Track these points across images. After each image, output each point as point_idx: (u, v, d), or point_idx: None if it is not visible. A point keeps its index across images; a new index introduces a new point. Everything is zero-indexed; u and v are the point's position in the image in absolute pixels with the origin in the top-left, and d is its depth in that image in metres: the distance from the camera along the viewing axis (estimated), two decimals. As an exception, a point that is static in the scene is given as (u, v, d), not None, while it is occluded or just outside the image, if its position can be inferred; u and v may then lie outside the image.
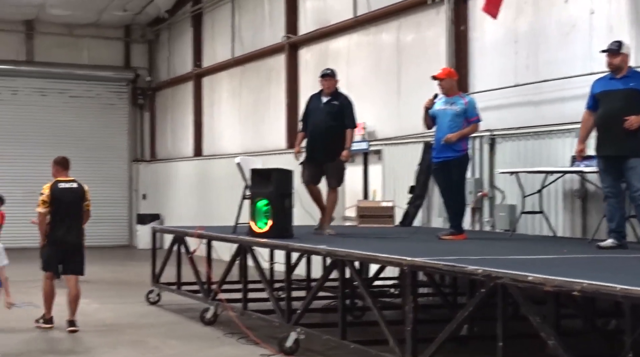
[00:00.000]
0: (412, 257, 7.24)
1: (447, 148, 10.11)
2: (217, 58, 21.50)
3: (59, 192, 10.79)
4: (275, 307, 9.68)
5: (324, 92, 10.98)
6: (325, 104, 10.87)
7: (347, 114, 10.87)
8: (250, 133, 19.83)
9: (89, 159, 24.80)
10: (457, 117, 10.10)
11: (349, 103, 10.95)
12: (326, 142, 10.79)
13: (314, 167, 10.91)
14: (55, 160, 11.19)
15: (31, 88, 24.53)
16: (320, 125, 10.80)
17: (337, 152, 10.85)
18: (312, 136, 10.95)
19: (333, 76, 10.98)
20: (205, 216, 20.50)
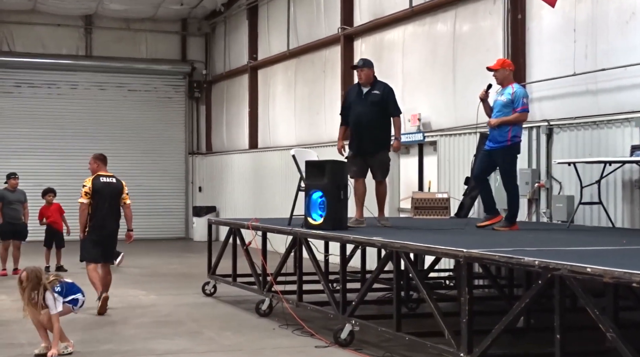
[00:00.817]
0: (468, 248, 7.17)
1: (494, 138, 10.10)
2: (273, 50, 21.56)
3: (100, 186, 11.50)
4: (330, 298, 9.67)
5: (362, 83, 10.87)
6: (367, 94, 10.74)
7: (390, 102, 10.73)
8: (305, 125, 19.85)
9: (146, 152, 25.15)
10: (505, 108, 10.01)
11: (390, 91, 10.81)
12: (373, 133, 10.67)
13: (361, 161, 10.79)
14: (96, 157, 11.89)
15: (90, 82, 24.88)
16: (365, 117, 10.67)
17: (384, 142, 10.76)
18: (357, 128, 10.80)
19: (365, 66, 10.83)
20: (260, 208, 20.61)
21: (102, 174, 11.69)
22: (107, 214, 11.49)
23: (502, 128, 10.01)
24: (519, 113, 10.01)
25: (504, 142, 10.03)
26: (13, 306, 11.64)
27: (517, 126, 10.11)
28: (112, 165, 24.56)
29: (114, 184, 11.69)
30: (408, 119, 15.42)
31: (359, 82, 10.91)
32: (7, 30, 24.07)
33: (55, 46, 24.55)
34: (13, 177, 15.93)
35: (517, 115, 10.01)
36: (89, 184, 11.45)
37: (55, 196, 16.75)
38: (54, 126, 24.26)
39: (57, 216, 16.43)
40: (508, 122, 10.00)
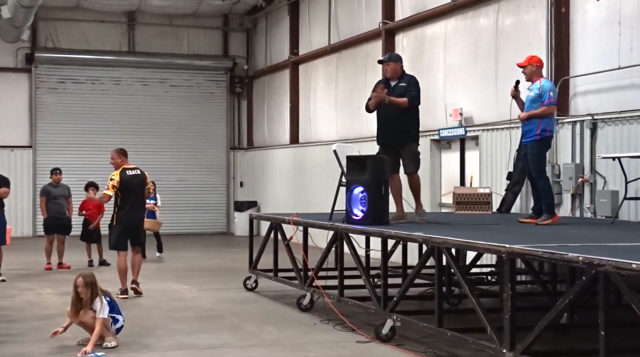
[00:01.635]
0: (510, 244, 7.11)
1: (525, 133, 10.21)
2: (314, 45, 21.56)
3: (127, 178, 12.25)
4: (372, 294, 9.65)
5: (390, 77, 10.80)
6: (394, 88, 10.68)
7: (410, 90, 10.56)
8: (346, 120, 19.83)
9: (188, 147, 25.32)
10: (533, 102, 10.10)
11: (414, 82, 10.66)
12: (400, 127, 10.57)
13: (391, 155, 10.70)
14: (119, 151, 12.59)
15: (133, 78, 25.10)
16: (392, 110, 10.58)
17: (412, 135, 10.68)
18: (384, 122, 10.72)
19: (391, 60, 10.78)
20: (301, 203, 20.64)
21: (127, 167, 12.40)
22: (133, 204, 12.29)
23: (532, 122, 10.09)
24: (546, 106, 10.06)
25: (533, 136, 10.13)
26: (58, 300, 11.80)
27: (546, 119, 10.11)
28: (154, 160, 24.97)
29: (139, 176, 12.47)
30: (450, 113, 15.35)
31: (386, 76, 10.85)
32: (51, 26, 24.36)
33: (98, 42, 24.81)
34: (56, 173, 16.13)
35: (544, 108, 10.04)
36: (117, 178, 12.17)
37: (98, 190, 16.87)
38: (98, 121, 24.51)
39: (95, 211, 16.54)
40: (536, 115, 10.05)
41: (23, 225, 23.46)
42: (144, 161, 24.15)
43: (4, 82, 23.87)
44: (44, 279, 14.36)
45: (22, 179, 23.41)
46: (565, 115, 12.60)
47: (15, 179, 20.38)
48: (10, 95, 23.94)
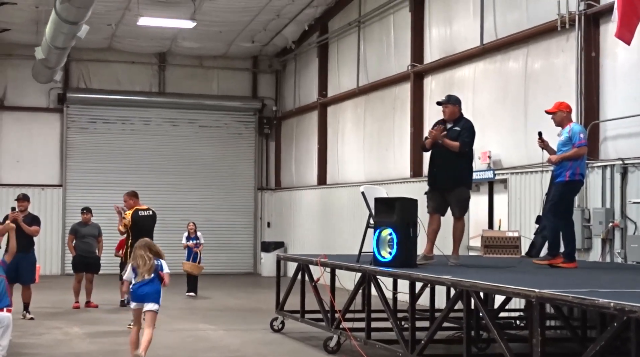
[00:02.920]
0: (540, 288, 7.05)
1: (556, 175, 10.28)
2: (342, 87, 21.68)
3: (139, 218, 13.05)
4: (399, 337, 9.59)
5: (447, 120, 10.85)
6: (449, 130, 10.73)
7: (463, 135, 10.63)
8: (374, 162, 19.85)
9: (216, 187, 25.44)
10: (564, 146, 10.19)
11: (468, 127, 10.75)
12: (451, 170, 10.62)
13: (439, 196, 10.75)
14: (130, 194, 13.48)
15: (163, 118, 25.32)
16: (443, 153, 10.66)
17: (462, 179, 10.71)
18: (435, 163, 10.80)
19: (450, 102, 10.84)
20: (329, 244, 20.61)
21: (140, 208, 13.23)
22: None
23: (563, 165, 10.17)
24: (577, 148, 10.11)
25: (562, 178, 10.15)
26: (86, 339, 11.82)
27: (577, 162, 10.14)
28: (182, 200, 25.10)
29: (150, 216, 13.30)
30: (478, 156, 15.31)
31: (444, 118, 10.88)
32: (84, 67, 24.70)
33: (129, 83, 25.10)
34: (85, 212, 16.24)
35: (575, 150, 10.10)
36: (129, 217, 12.98)
37: None
38: (127, 161, 24.71)
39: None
40: (567, 157, 10.12)
41: (52, 263, 23.59)
42: (172, 201, 24.44)
43: (36, 122, 24.18)
44: (72, 317, 14.41)
45: (52, 217, 23.59)
46: (596, 160, 12.54)
47: (45, 218, 20.50)
48: (42, 134, 24.23)
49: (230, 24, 22.44)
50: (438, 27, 17.38)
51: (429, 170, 10.96)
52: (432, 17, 17.58)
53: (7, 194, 21.86)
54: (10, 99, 23.97)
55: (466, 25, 16.25)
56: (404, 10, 18.50)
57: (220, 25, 22.47)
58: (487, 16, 15.47)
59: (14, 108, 23.96)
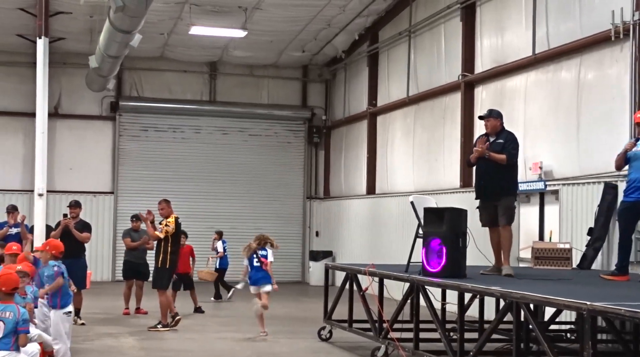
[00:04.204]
0: (591, 301, 6.95)
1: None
2: (392, 97, 21.64)
3: (179, 226, 14.12)
4: (447, 348, 9.52)
5: (489, 133, 10.90)
6: (491, 144, 10.76)
7: (508, 147, 10.69)
8: (424, 171, 19.77)
9: (265, 196, 25.52)
10: None
11: (512, 139, 10.80)
12: (494, 182, 10.67)
13: (488, 208, 10.77)
14: (168, 201, 14.47)
15: (213, 127, 25.48)
16: (488, 166, 10.67)
17: (507, 189, 10.69)
18: (481, 177, 10.87)
19: (491, 116, 10.88)
20: (377, 254, 20.54)
21: (177, 216, 14.15)
22: (179, 250, 14.39)
23: None
24: None
25: None
26: (136, 345, 11.93)
27: None
28: (231, 208, 25.32)
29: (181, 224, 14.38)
30: (529, 167, 15.18)
31: (486, 132, 10.92)
32: (136, 76, 25.00)
33: (180, 91, 25.34)
34: (135, 220, 16.39)
35: None
36: (173, 225, 13.82)
37: (187, 238, 17.04)
38: (178, 169, 24.91)
39: (187, 259, 16.69)
40: None
41: (103, 270, 23.86)
42: (221, 209, 24.62)
43: (89, 130, 24.51)
44: (122, 323, 14.55)
45: (103, 224, 23.87)
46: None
47: (96, 225, 20.82)
48: (95, 142, 24.54)
49: (280, 33, 22.55)
50: (489, 36, 17.27)
51: (475, 183, 11.06)
52: (484, 26, 17.48)
53: (60, 201, 22.19)
54: (64, 107, 24.34)
55: (518, 35, 16.13)
56: (455, 20, 18.43)
57: (271, 35, 22.60)
58: (540, 26, 15.33)
59: (67, 116, 24.32)
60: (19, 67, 23.36)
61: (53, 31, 20.11)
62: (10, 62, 23.55)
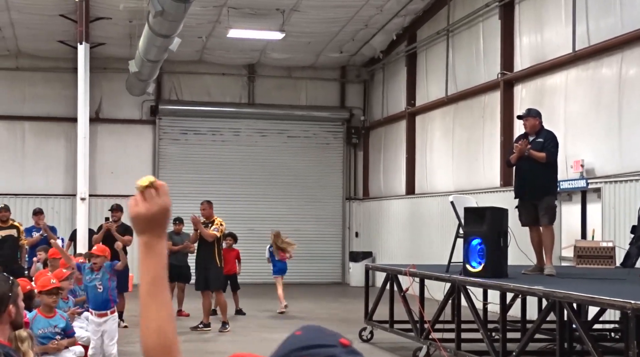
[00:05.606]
0: (636, 300, 6.88)
1: None
2: (430, 96, 21.57)
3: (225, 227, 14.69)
4: (490, 348, 9.47)
5: (528, 132, 10.84)
6: (531, 143, 10.71)
7: (548, 146, 10.65)
8: (464, 171, 19.68)
9: (304, 197, 25.54)
10: None
11: (551, 137, 10.79)
12: (534, 182, 10.61)
13: (529, 207, 10.71)
14: (211, 202, 14.90)
15: (252, 129, 25.58)
16: (528, 165, 10.62)
17: (548, 188, 10.61)
18: (521, 176, 10.84)
19: (530, 116, 10.83)
20: (417, 254, 20.48)
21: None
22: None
23: None
24: None
25: None
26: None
27: None
28: (271, 209, 25.40)
29: None
30: (570, 165, 15.04)
31: (525, 131, 10.87)
32: (175, 80, 25.18)
33: (219, 94, 25.46)
34: (177, 223, 16.50)
35: None
36: (224, 225, 14.42)
37: (236, 242, 17.07)
38: (217, 171, 25.03)
39: (234, 263, 16.71)
40: None
41: (144, 272, 23.99)
42: (260, 210, 24.70)
43: (130, 133, 24.73)
44: (164, 325, 14.63)
45: (144, 227, 24.01)
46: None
47: (138, 227, 20.95)
48: (136, 146, 24.75)
49: (318, 34, 22.59)
50: (528, 34, 17.14)
51: (515, 182, 11.00)
52: (522, 24, 17.35)
53: (102, 205, 22.36)
54: (105, 112, 24.59)
55: (557, 32, 15.99)
56: (493, 18, 18.31)
57: (309, 36, 22.64)
58: (580, 22, 15.18)
59: (108, 120, 24.56)
60: (60, 72, 23.65)
61: (93, 37, 20.35)
62: (52, 68, 23.84)
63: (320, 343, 1.74)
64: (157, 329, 2.04)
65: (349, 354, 1.71)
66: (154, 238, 2.14)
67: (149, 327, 2.05)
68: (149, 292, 2.07)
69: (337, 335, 1.76)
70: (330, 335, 1.76)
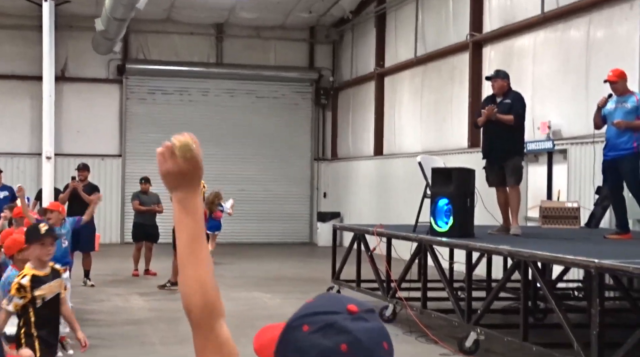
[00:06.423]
0: (599, 259, 6.97)
1: (617, 146, 10.06)
2: (400, 57, 21.53)
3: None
4: (455, 306, 9.57)
5: (496, 94, 10.88)
6: (498, 104, 10.75)
7: (515, 107, 10.68)
8: (432, 132, 19.73)
9: (273, 158, 25.52)
10: (629, 115, 10.07)
11: (518, 99, 10.82)
12: (501, 143, 10.66)
13: (496, 168, 10.78)
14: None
15: (220, 89, 25.42)
16: (495, 127, 10.65)
17: (515, 149, 10.69)
18: (489, 138, 10.88)
19: (498, 77, 10.86)
20: (385, 215, 20.57)
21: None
22: None
23: (626, 134, 10.02)
24: None
25: (629, 149, 10.00)
26: (145, 306, 12.02)
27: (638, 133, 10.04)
28: (239, 170, 25.33)
29: None
30: (538, 126, 15.13)
31: (493, 92, 10.91)
32: (143, 39, 24.90)
33: (187, 54, 25.23)
34: (144, 182, 16.45)
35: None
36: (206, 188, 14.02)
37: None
38: (186, 131, 24.65)
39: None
40: (635, 127, 10.00)
41: (111, 232, 23.96)
42: (229, 171, 24.61)
43: (96, 93, 24.47)
44: (132, 285, 14.66)
45: (111, 187, 23.93)
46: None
47: (104, 187, 20.84)
48: (102, 105, 24.51)
49: (287, -6, 22.41)
50: (497, -5, 17.13)
51: (483, 143, 11.09)
52: (492, -15, 17.32)
53: (68, 164, 22.20)
54: (70, 70, 24.27)
55: (526, -6, 15.99)
56: (462, -21, 18.27)
57: (278, -4, 22.46)
58: (548, -16, 15.19)
59: (74, 79, 24.25)
60: (25, 30, 23.27)
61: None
62: (17, 26, 23.45)
63: (325, 310, 1.73)
64: (198, 287, 2.01)
65: (354, 320, 1.69)
66: (188, 194, 2.09)
67: (191, 286, 2.01)
68: (188, 250, 2.03)
69: (348, 301, 1.75)
70: (338, 302, 1.75)
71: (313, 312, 1.73)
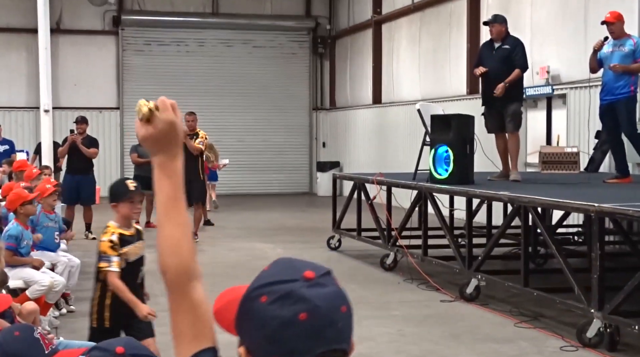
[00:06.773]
0: (599, 203, 6.98)
1: (614, 90, 9.99)
2: (397, 4, 21.34)
3: None
4: (456, 253, 9.62)
5: (494, 39, 10.77)
6: (497, 50, 10.66)
7: (516, 55, 10.59)
8: (430, 79, 19.64)
9: (271, 108, 25.42)
10: (626, 58, 9.97)
11: (519, 44, 10.74)
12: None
13: (495, 115, 10.73)
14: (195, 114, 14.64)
15: (217, 39, 25.24)
16: (494, 72, 10.57)
17: (514, 95, 10.62)
18: (488, 83, 10.74)
19: (497, 22, 10.75)
20: (384, 163, 20.58)
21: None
22: None
23: (623, 78, 9.95)
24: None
25: (627, 93, 9.96)
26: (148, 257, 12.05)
27: (636, 77, 10.03)
28: (238, 120, 25.26)
29: None
30: (536, 71, 15.04)
31: (491, 37, 10.81)
32: (137, -11, 24.66)
33: (183, 4, 24.99)
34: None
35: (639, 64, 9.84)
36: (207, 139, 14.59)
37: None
38: (182, 83, 24.73)
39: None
40: (632, 70, 9.94)
41: (111, 185, 23.94)
42: (228, 122, 24.56)
43: (91, 45, 24.29)
44: (133, 237, 14.69)
45: (109, 140, 23.87)
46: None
47: (103, 140, 20.78)
48: (99, 57, 24.34)
49: (282, -59, 22.10)
50: (495, -61, 16.91)
51: (482, 89, 10.95)
52: None
53: (66, 117, 22.15)
54: (65, 23, 24.07)
55: (524, -63, 15.79)
56: None
57: (273, -57, 22.16)
58: None
59: (69, 31, 24.05)
60: (18, -18, 23.04)
61: (51, -55, 19.75)
62: (9, -22, 23.22)
63: (281, 279, 1.73)
64: (173, 249, 2.02)
65: (310, 287, 1.69)
66: (168, 158, 2.09)
67: (166, 247, 2.02)
68: (164, 212, 2.03)
69: (304, 267, 1.74)
70: (294, 268, 1.74)
71: (270, 282, 1.73)
